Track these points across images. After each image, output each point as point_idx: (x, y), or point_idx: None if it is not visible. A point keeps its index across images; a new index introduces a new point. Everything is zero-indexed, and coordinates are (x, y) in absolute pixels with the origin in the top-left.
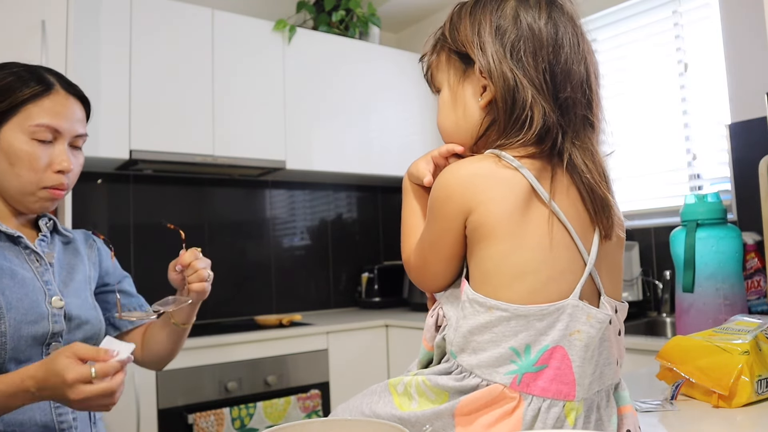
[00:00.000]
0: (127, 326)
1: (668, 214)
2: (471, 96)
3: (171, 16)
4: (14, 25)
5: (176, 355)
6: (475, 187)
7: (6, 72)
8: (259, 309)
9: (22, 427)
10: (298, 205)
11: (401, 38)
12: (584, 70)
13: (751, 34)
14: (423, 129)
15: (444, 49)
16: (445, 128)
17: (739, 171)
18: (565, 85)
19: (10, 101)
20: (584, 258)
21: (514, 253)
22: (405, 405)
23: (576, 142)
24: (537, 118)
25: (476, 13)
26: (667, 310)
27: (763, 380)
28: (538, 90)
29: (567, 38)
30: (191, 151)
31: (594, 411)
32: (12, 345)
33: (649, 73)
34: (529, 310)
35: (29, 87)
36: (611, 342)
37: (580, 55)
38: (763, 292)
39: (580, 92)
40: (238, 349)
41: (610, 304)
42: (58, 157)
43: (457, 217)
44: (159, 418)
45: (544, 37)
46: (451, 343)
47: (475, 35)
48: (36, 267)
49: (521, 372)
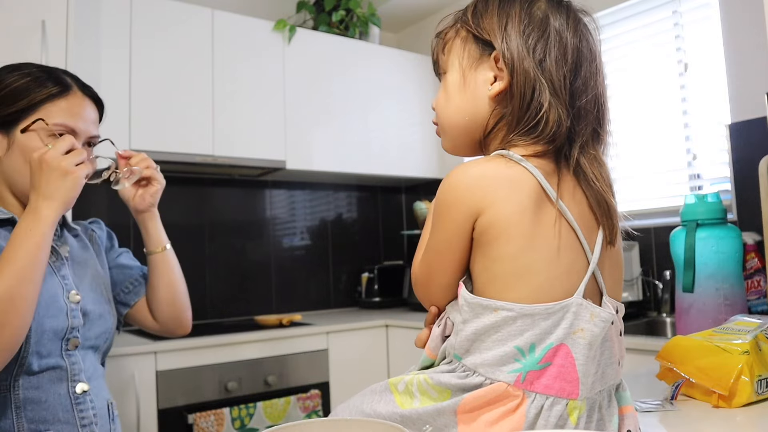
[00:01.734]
0: (134, 300)
1: (668, 214)
2: (482, 83)
3: (171, 16)
4: (14, 25)
5: (183, 300)
6: (484, 189)
7: (23, 72)
8: (259, 309)
9: (46, 424)
10: (298, 205)
11: (401, 38)
12: (599, 86)
13: (751, 34)
14: (423, 129)
15: (464, 29)
16: (445, 112)
17: (739, 171)
18: (581, 96)
19: (29, 100)
20: (588, 257)
21: (523, 253)
22: (406, 403)
23: (584, 151)
24: (552, 121)
25: (505, 6)
26: (667, 310)
27: (763, 380)
28: (556, 94)
29: (588, 52)
30: (191, 151)
31: (596, 411)
32: (35, 339)
33: (649, 73)
34: (534, 309)
35: (47, 87)
36: (613, 342)
37: (596, 71)
38: (763, 292)
39: (594, 106)
40: (238, 349)
41: (612, 304)
42: None
43: (467, 220)
44: (159, 418)
45: (569, 46)
46: (453, 347)
47: (502, 27)
48: (53, 261)
49: (525, 370)
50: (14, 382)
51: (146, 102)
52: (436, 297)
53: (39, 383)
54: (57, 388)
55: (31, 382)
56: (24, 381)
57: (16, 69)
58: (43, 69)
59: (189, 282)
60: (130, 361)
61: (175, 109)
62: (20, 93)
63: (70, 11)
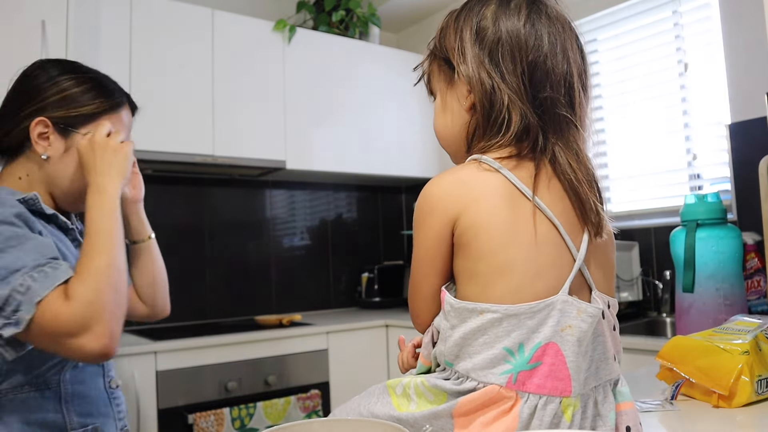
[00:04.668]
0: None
1: (668, 214)
2: (457, 101)
3: (171, 16)
4: (14, 25)
5: (163, 287)
6: (459, 194)
7: (84, 77)
8: (259, 309)
9: (92, 418)
10: (298, 205)
11: (401, 38)
12: (566, 70)
13: (751, 34)
14: (423, 129)
15: (435, 57)
16: (437, 132)
17: (739, 171)
18: (544, 84)
19: (92, 108)
20: (573, 254)
21: (503, 249)
22: (403, 406)
23: (559, 141)
24: (515, 120)
25: (460, 19)
26: (667, 310)
27: (763, 380)
28: (516, 92)
29: (547, 39)
30: (191, 151)
31: (591, 407)
32: None
33: (649, 73)
34: (519, 309)
35: (108, 99)
36: (606, 337)
37: (561, 55)
38: (763, 292)
39: (562, 91)
40: (238, 349)
41: (602, 299)
42: None
43: (446, 226)
44: (159, 418)
45: (523, 40)
46: (443, 354)
47: (458, 41)
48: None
49: (516, 371)
50: (63, 376)
51: (146, 102)
52: (421, 309)
53: (83, 377)
54: (97, 383)
55: (77, 376)
56: (71, 375)
57: (72, 72)
58: (99, 79)
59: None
60: (130, 361)
61: (175, 109)
62: (84, 101)
63: (70, 11)
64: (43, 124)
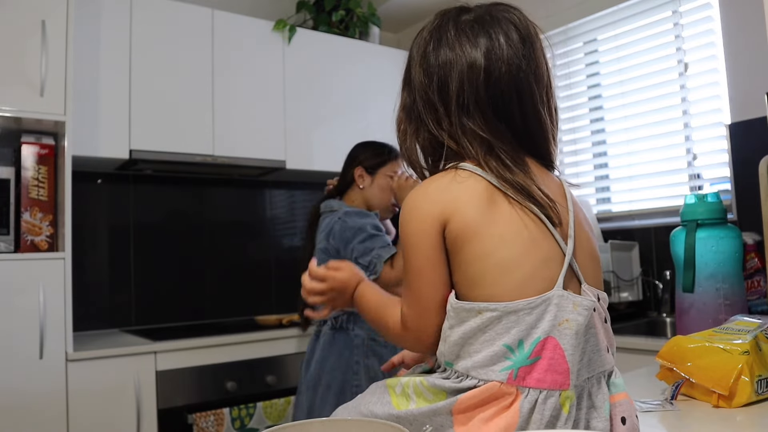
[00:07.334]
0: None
1: (668, 214)
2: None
3: (171, 16)
4: (14, 25)
5: None
6: (444, 200)
7: (385, 149)
8: (259, 309)
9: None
10: (298, 205)
11: (401, 38)
12: (521, 81)
13: (751, 34)
14: None
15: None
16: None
17: (739, 171)
18: (501, 99)
19: (385, 159)
20: (562, 248)
21: (498, 248)
22: (402, 404)
23: (510, 152)
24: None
25: (413, 46)
26: (667, 310)
27: (763, 380)
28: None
29: (496, 54)
30: (191, 151)
31: (585, 398)
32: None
33: (650, 73)
34: (517, 305)
35: (391, 154)
36: (598, 329)
37: (516, 62)
38: (763, 292)
39: (515, 100)
40: (238, 349)
41: (592, 291)
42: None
43: (437, 231)
44: (159, 418)
45: (475, 63)
46: (443, 354)
47: (408, 80)
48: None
49: (516, 366)
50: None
51: (146, 102)
52: (427, 324)
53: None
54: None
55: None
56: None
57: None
58: (385, 144)
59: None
60: (130, 361)
61: (175, 109)
62: (381, 154)
63: (70, 11)
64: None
